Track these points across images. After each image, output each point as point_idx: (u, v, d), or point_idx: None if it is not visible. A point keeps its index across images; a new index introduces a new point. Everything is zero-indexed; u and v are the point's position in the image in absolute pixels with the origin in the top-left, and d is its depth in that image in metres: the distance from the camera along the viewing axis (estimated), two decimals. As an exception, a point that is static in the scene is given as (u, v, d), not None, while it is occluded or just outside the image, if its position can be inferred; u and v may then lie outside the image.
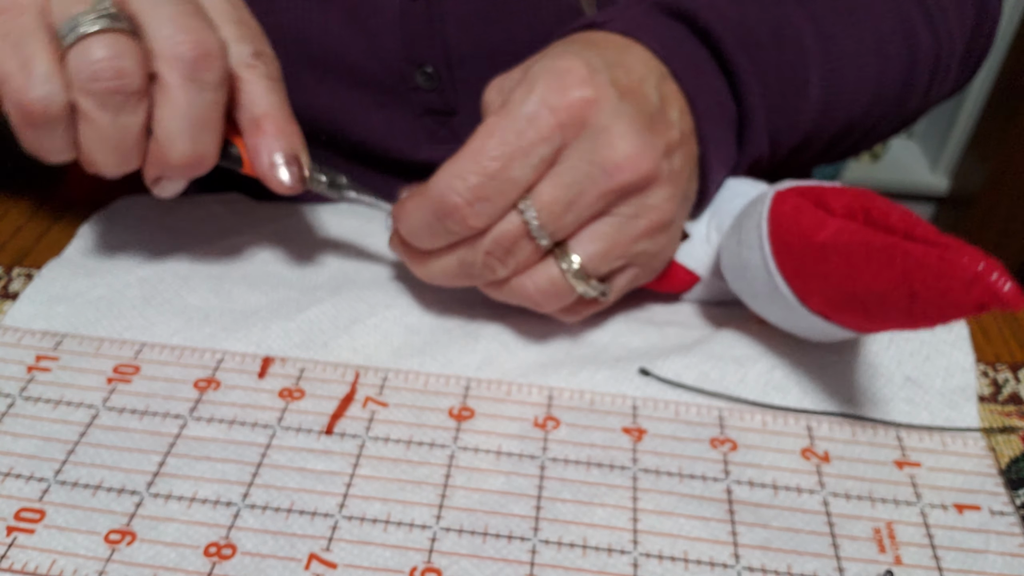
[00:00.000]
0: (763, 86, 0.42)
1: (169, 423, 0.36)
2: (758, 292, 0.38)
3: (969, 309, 0.30)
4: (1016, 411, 0.39)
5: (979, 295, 0.29)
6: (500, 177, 0.34)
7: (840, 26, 0.45)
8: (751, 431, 0.37)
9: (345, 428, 0.37)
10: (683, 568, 0.32)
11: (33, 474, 0.34)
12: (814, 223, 0.35)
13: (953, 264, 0.29)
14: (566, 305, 0.39)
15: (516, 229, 0.35)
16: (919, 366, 0.40)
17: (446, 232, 0.36)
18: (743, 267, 0.38)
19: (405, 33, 0.48)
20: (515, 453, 0.36)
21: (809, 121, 0.45)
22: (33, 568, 0.31)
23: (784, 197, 0.37)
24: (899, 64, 0.48)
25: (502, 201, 0.34)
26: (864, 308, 0.33)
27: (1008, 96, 1.56)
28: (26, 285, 0.43)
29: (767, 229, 0.36)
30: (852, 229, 0.33)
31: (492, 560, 0.32)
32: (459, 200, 0.34)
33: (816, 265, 0.34)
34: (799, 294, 0.36)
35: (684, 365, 0.40)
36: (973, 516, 0.34)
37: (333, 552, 0.32)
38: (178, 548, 0.31)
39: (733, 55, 0.40)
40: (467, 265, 0.37)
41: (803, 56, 0.43)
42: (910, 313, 0.32)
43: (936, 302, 0.30)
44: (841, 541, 0.33)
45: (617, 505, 0.34)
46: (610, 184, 0.34)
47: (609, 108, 0.34)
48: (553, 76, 0.34)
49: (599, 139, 0.34)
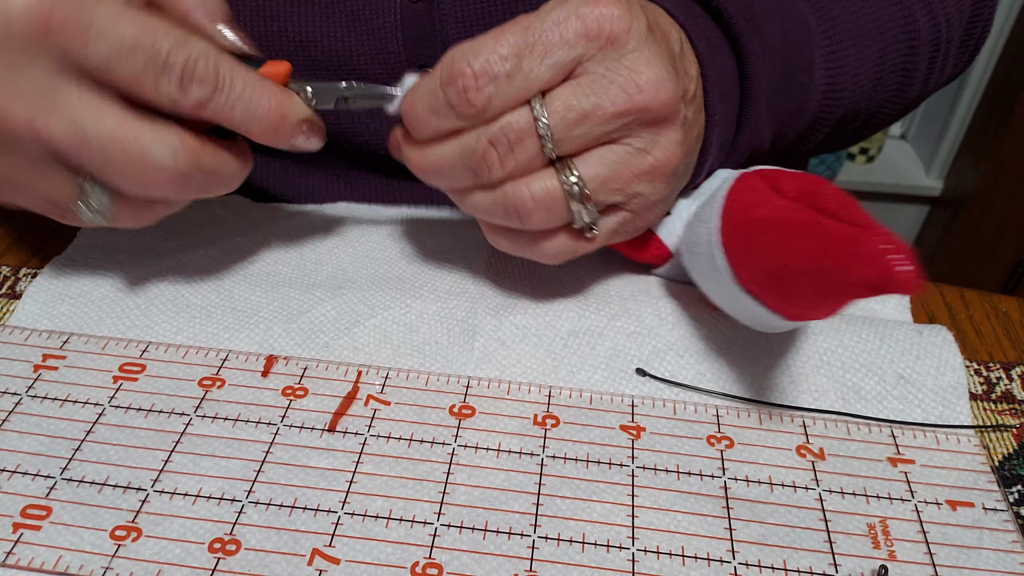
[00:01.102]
0: (770, 66, 0.42)
1: (174, 421, 0.37)
2: (703, 266, 0.39)
3: (865, 287, 0.30)
4: (1009, 409, 0.40)
5: (874, 273, 0.29)
6: (513, 63, 0.33)
7: (840, 10, 0.46)
8: (747, 428, 0.38)
9: (347, 426, 0.37)
10: (680, 564, 0.32)
11: (39, 471, 0.34)
12: (760, 200, 0.36)
13: (861, 241, 0.30)
14: (551, 230, 0.38)
15: (525, 124, 0.35)
16: (911, 364, 0.40)
17: (447, 107, 0.35)
18: (695, 241, 0.39)
19: (406, 35, 0.48)
20: (515, 450, 0.36)
21: (816, 102, 0.46)
22: (39, 564, 0.31)
23: (746, 177, 0.38)
24: (899, 48, 0.49)
25: (509, 89, 0.34)
26: (782, 285, 0.34)
27: (1001, 98, 1.57)
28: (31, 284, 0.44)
29: (722, 204, 0.37)
30: (789, 207, 0.34)
31: (492, 556, 0.32)
32: (467, 69, 0.34)
33: (751, 239, 0.35)
34: (733, 266, 0.36)
35: (680, 364, 0.40)
36: (966, 512, 0.35)
37: (336, 548, 0.32)
38: (183, 544, 0.32)
39: (743, 34, 0.41)
40: (467, 153, 0.36)
41: (807, 37, 0.44)
42: (820, 291, 0.32)
43: (839, 278, 0.31)
44: (836, 537, 0.33)
45: (615, 502, 0.34)
46: (628, 103, 0.34)
47: (637, 33, 0.34)
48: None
49: (624, 59, 0.34)
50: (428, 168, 0.38)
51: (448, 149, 0.37)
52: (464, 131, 0.36)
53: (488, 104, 0.34)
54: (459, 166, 0.37)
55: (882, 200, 1.82)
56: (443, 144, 0.37)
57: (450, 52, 0.34)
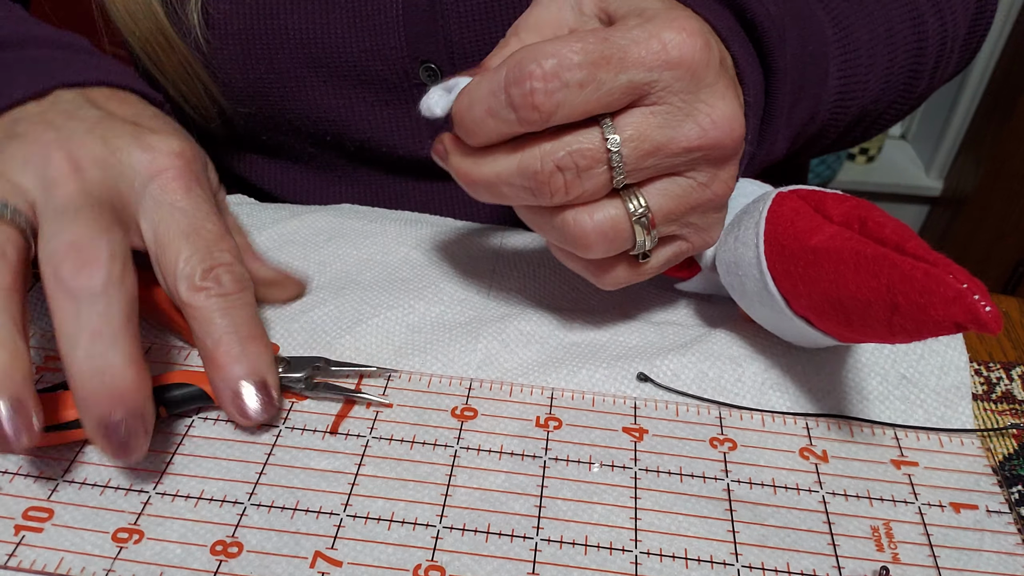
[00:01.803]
0: (791, 83, 0.42)
1: (176, 423, 0.37)
2: (748, 289, 0.38)
3: (947, 327, 0.30)
4: (1009, 409, 0.40)
5: (959, 314, 0.29)
6: (588, 72, 0.31)
7: (854, 16, 0.46)
8: (750, 431, 0.38)
9: (349, 428, 0.37)
10: (683, 566, 0.32)
11: (42, 473, 0.34)
12: (810, 227, 0.35)
13: (937, 280, 0.30)
14: (612, 259, 0.37)
15: (597, 150, 0.33)
16: (914, 365, 0.40)
17: (508, 109, 0.32)
18: (736, 263, 0.38)
19: (408, 30, 0.48)
20: (517, 452, 0.36)
21: (827, 112, 0.45)
22: (41, 566, 0.31)
23: (785, 199, 0.37)
24: (908, 50, 0.48)
25: (579, 99, 0.31)
26: (846, 316, 0.34)
27: (1001, 98, 1.57)
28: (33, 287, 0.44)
29: (764, 228, 0.37)
30: (845, 236, 0.34)
31: (494, 558, 0.32)
32: (537, 69, 0.31)
33: (806, 268, 0.34)
34: (786, 295, 0.36)
35: (682, 364, 0.40)
36: (969, 515, 0.35)
37: (338, 550, 0.32)
38: (185, 546, 0.32)
39: (775, 49, 0.40)
40: (528, 173, 0.33)
41: (824, 48, 0.44)
42: (889, 325, 0.32)
43: (916, 316, 0.30)
44: (839, 539, 0.33)
45: (618, 504, 0.34)
46: (702, 139, 0.33)
47: (714, 68, 0.33)
48: (672, 14, 0.32)
49: (701, 92, 0.33)
50: (479, 181, 0.35)
51: (505, 165, 0.34)
52: (523, 145, 0.33)
53: (555, 111, 0.32)
54: (517, 184, 0.34)
55: (882, 200, 1.82)
56: (499, 157, 0.34)
57: (519, 51, 0.32)
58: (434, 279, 0.45)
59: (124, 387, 0.31)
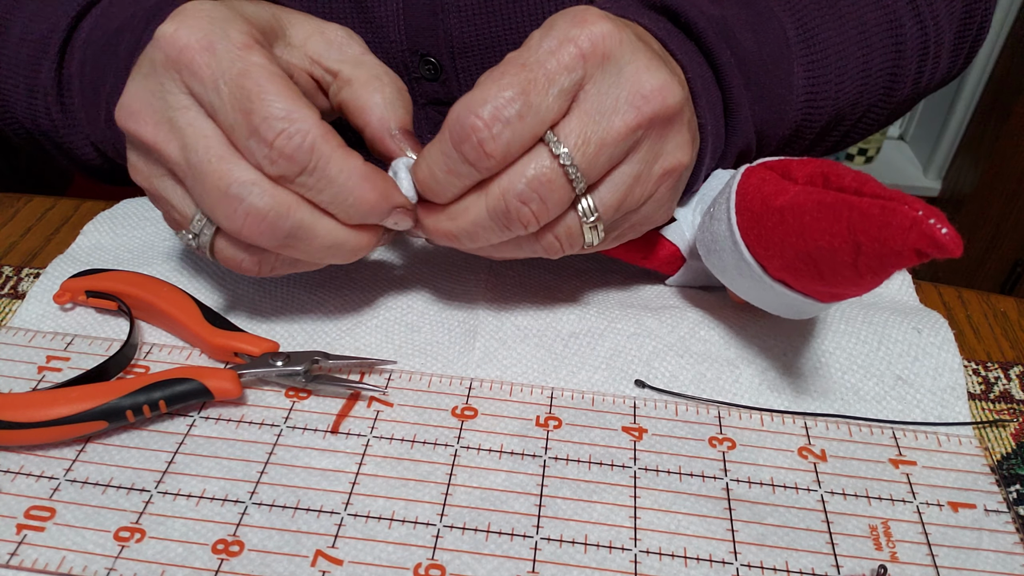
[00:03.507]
0: (745, 76, 0.43)
1: (177, 422, 0.37)
2: (727, 264, 0.39)
3: (908, 256, 0.30)
4: (1007, 409, 0.40)
5: (916, 239, 0.29)
6: (520, 101, 0.33)
7: (822, 19, 0.46)
8: (749, 430, 0.38)
9: (350, 427, 0.37)
10: (682, 564, 0.32)
11: (43, 472, 0.34)
12: (776, 190, 0.35)
13: (892, 211, 0.30)
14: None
15: (551, 169, 0.34)
16: (909, 366, 0.40)
17: (465, 165, 0.34)
18: (713, 240, 0.39)
19: (409, 24, 0.49)
20: (517, 451, 0.37)
21: (796, 111, 0.46)
22: (43, 565, 0.31)
23: (753, 171, 0.38)
24: (885, 53, 0.49)
25: (523, 128, 0.33)
26: (817, 268, 0.34)
27: (1000, 99, 1.58)
28: (34, 285, 0.44)
29: (735, 200, 0.37)
30: (808, 192, 0.34)
31: (494, 556, 0.32)
32: (477, 122, 0.33)
33: (774, 228, 0.35)
34: (761, 260, 0.36)
35: (680, 366, 0.40)
36: (967, 514, 0.35)
37: (339, 549, 0.32)
38: (187, 545, 0.32)
39: (714, 46, 0.41)
40: (498, 215, 0.35)
41: (786, 49, 0.44)
42: (856, 267, 0.32)
43: (878, 251, 0.31)
44: (838, 538, 0.34)
45: (617, 503, 0.35)
46: (639, 116, 0.34)
47: (629, 43, 0.34)
48: (571, 15, 0.34)
49: (624, 70, 0.34)
50: (460, 234, 0.37)
51: (476, 212, 0.36)
52: (486, 184, 0.35)
53: (507, 150, 0.33)
54: (491, 227, 0.36)
55: (880, 200, 1.82)
56: (469, 206, 0.36)
57: (454, 109, 0.34)
58: (432, 276, 0.46)
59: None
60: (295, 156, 0.33)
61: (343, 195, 0.35)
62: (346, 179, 0.34)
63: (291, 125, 0.33)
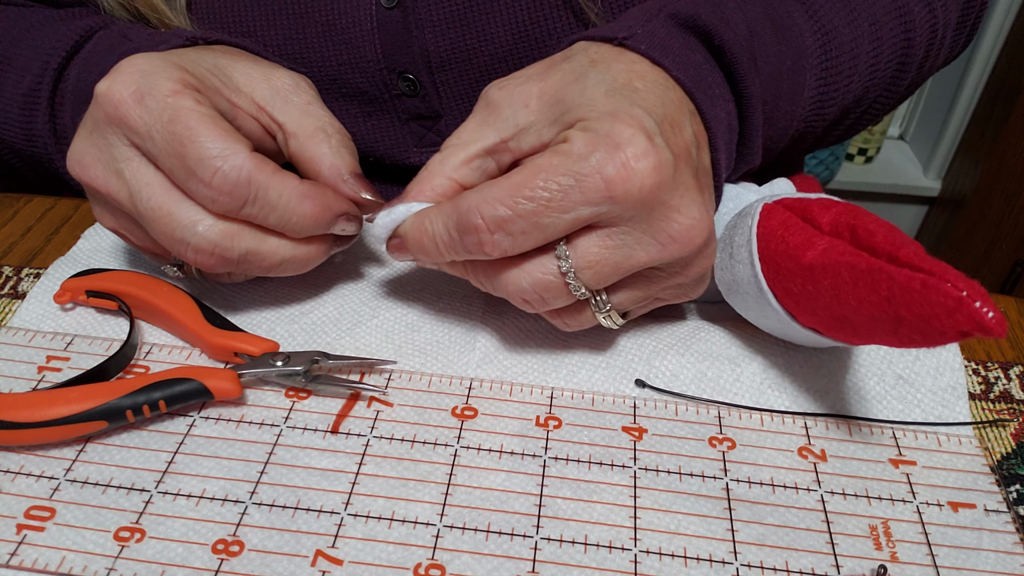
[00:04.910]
0: (764, 103, 0.42)
1: (178, 422, 0.37)
2: (751, 306, 0.39)
3: (953, 336, 0.30)
4: (1007, 409, 0.40)
5: (962, 323, 0.29)
6: (530, 219, 0.32)
7: (839, 18, 0.45)
8: (749, 430, 0.38)
9: (350, 427, 0.37)
10: (682, 564, 0.32)
11: (43, 472, 0.34)
12: (802, 242, 0.35)
13: (936, 290, 0.29)
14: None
15: (554, 279, 0.35)
16: (910, 365, 0.40)
17: (463, 248, 0.35)
18: (735, 282, 0.39)
19: (383, 41, 0.48)
20: (517, 451, 0.37)
21: (801, 122, 0.45)
22: (43, 565, 0.31)
23: (772, 211, 0.37)
24: (894, 45, 0.48)
25: (526, 242, 0.33)
26: (853, 329, 0.34)
27: (1000, 99, 1.58)
28: (35, 286, 0.44)
29: (756, 246, 0.37)
30: (839, 250, 0.33)
31: (494, 556, 0.32)
32: (480, 223, 0.33)
33: (804, 285, 0.34)
34: (790, 311, 0.36)
35: (680, 365, 0.40)
36: (967, 514, 0.35)
37: (339, 548, 0.32)
38: (187, 545, 0.32)
39: (744, 77, 0.40)
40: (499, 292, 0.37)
41: (802, 59, 0.43)
42: (897, 335, 0.32)
43: (921, 328, 0.30)
44: (838, 538, 0.34)
45: (617, 503, 0.35)
46: (662, 253, 0.34)
47: (667, 183, 0.33)
48: (612, 144, 0.32)
49: (655, 213, 0.33)
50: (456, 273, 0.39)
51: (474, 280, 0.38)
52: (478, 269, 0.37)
53: (507, 253, 0.34)
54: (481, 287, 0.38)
55: (880, 201, 1.82)
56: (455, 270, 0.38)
57: (463, 197, 0.34)
58: (432, 276, 0.46)
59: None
60: (234, 192, 0.35)
61: (287, 216, 0.37)
62: (287, 201, 0.36)
63: (224, 163, 0.35)
